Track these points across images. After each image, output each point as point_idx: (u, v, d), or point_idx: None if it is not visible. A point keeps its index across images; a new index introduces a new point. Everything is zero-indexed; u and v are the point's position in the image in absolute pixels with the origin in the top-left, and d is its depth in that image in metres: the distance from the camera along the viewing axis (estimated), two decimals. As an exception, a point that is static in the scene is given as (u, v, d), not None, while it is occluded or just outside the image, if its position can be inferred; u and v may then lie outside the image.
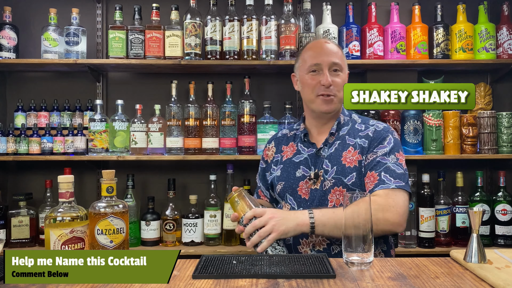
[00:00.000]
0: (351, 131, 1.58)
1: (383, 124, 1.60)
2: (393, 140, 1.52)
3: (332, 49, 1.58)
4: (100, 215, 1.14)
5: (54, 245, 1.12)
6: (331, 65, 1.55)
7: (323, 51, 1.57)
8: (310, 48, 1.62)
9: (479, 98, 2.60)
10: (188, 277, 1.08)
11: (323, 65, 1.55)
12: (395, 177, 1.45)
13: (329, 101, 1.55)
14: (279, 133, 1.77)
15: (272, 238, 1.31)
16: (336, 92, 1.55)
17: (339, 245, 1.46)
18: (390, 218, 1.38)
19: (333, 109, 1.58)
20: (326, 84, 1.53)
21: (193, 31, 2.40)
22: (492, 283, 1.00)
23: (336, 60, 1.55)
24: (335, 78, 1.55)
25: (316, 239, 1.49)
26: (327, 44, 1.60)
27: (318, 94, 1.55)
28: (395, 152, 1.50)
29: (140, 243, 2.43)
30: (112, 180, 1.19)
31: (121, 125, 2.39)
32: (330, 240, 1.47)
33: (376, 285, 1.01)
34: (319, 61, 1.55)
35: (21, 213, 2.37)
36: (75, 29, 2.43)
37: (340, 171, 1.50)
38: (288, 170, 1.61)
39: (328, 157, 1.54)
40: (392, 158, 1.48)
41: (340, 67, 1.56)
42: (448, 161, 2.52)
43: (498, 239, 2.43)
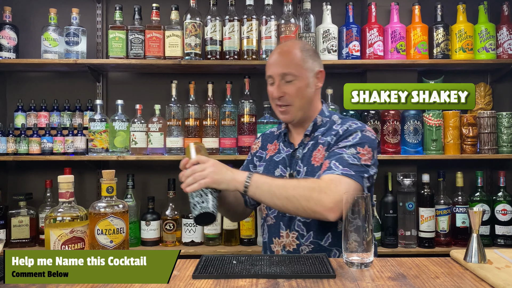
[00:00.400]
0: (327, 131, 1.56)
1: (360, 123, 1.55)
2: (360, 136, 1.48)
3: (284, 58, 1.55)
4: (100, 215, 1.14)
5: (54, 245, 1.12)
6: (282, 76, 1.52)
7: (275, 62, 1.55)
8: (270, 57, 1.61)
9: (479, 98, 2.60)
10: (188, 277, 1.08)
11: (274, 77, 1.54)
12: (344, 166, 1.40)
13: (284, 111, 1.55)
14: (269, 130, 1.78)
15: (203, 183, 1.32)
16: (291, 102, 1.53)
17: (308, 246, 1.48)
18: (325, 200, 1.31)
19: (291, 118, 1.56)
20: (275, 97, 1.54)
21: (193, 31, 2.40)
22: (492, 283, 1.00)
23: (286, 70, 1.52)
24: (288, 89, 1.52)
25: (286, 240, 1.52)
26: (280, 53, 1.57)
27: (276, 104, 1.57)
28: (358, 146, 1.45)
29: (140, 243, 2.43)
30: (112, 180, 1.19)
31: (121, 125, 2.39)
32: (300, 241, 1.49)
33: (376, 285, 1.01)
34: (271, 73, 1.55)
35: (21, 213, 2.37)
36: (75, 29, 2.43)
37: (309, 171, 1.50)
38: (268, 168, 1.62)
39: (301, 158, 1.55)
40: (351, 150, 1.44)
41: (293, 76, 1.52)
42: (448, 161, 2.52)
43: (498, 239, 2.43)
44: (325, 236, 1.48)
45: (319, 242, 1.48)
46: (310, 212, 1.34)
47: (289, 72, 1.51)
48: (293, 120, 1.57)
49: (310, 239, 1.48)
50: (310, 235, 1.48)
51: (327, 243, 1.48)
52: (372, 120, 2.44)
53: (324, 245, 1.48)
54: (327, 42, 2.45)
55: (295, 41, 1.69)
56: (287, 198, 1.34)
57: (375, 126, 2.44)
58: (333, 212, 1.32)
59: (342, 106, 2.47)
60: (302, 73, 1.53)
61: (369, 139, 1.49)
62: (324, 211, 1.32)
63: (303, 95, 1.53)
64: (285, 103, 1.54)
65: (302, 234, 1.50)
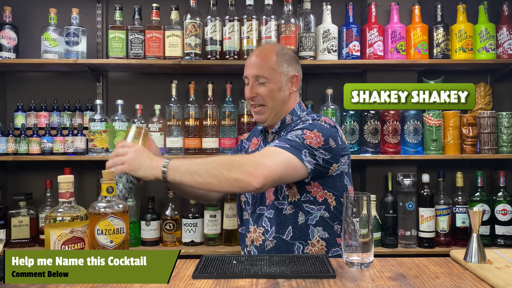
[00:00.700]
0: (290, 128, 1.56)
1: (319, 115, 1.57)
2: (310, 123, 1.47)
3: (259, 61, 1.60)
4: (100, 215, 1.14)
5: (54, 245, 1.12)
6: (255, 78, 1.58)
7: (249, 64, 1.61)
8: (248, 57, 1.66)
9: (479, 98, 2.60)
10: (188, 277, 1.08)
11: (249, 78, 1.60)
12: (280, 141, 1.40)
13: (257, 112, 1.61)
14: (260, 126, 1.78)
15: (120, 169, 1.34)
16: (264, 102, 1.58)
17: (271, 241, 1.51)
18: (246, 165, 1.30)
19: (264, 119, 1.61)
20: (247, 97, 1.61)
21: (193, 31, 2.40)
22: (492, 283, 1.00)
23: (258, 72, 1.57)
24: (260, 90, 1.57)
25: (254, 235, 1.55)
26: (257, 56, 1.62)
27: (250, 104, 1.63)
28: (305, 129, 1.44)
29: (140, 243, 2.43)
30: (112, 180, 1.18)
31: (121, 125, 2.39)
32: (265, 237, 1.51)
33: (376, 285, 1.01)
34: (246, 74, 1.62)
35: (21, 213, 2.37)
36: (75, 29, 2.43)
37: None
38: None
39: None
40: (296, 132, 1.43)
41: (265, 78, 1.57)
42: (448, 161, 2.52)
43: (498, 239, 2.43)
44: (286, 230, 1.50)
45: (281, 236, 1.50)
46: (233, 181, 1.31)
47: (261, 75, 1.57)
48: (266, 121, 1.61)
49: (273, 234, 1.51)
50: (273, 230, 1.51)
51: (288, 237, 1.50)
52: (372, 120, 2.44)
53: (286, 239, 1.50)
54: (327, 42, 2.45)
55: (273, 45, 1.74)
56: (208, 171, 1.31)
57: (375, 126, 2.44)
58: (255, 177, 1.28)
59: (342, 106, 2.47)
60: (275, 77, 1.58)
61: (320, 126, 1.47)
62: (246, 176, 1.28)
63: (275, 97, 1.58)
64: (258, 103, 1.59)
65: (267, 229, 1.53)
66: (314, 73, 2.67)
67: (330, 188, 1.51)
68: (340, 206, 1.53)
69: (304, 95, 2.67)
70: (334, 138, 1.48)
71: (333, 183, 1.52)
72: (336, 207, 1.53)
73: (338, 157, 1.50)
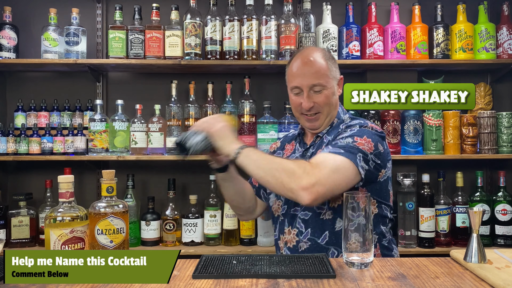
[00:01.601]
0: (334, 130, 1.57)
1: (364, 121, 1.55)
2: (358, 129, 1.47)
3: (312, 68, 1.53)
4: (100, 215, 1.14)
5: (54, 245, 1.12)
6: (310, 87, 1.53)
7: (303, 73, 1.54)
8: (293, 65, 1.58)
9: (479, 98, 2.60)
10: (188, 277, 1.08)
11: (302, 88, 1.54)
12: (334, 147, 1.40)
13: (312, 119, 1.57)
14: (290, 133, 1.80)
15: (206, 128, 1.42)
16: (320, 110, 1.55)
17: (305, 243, 1.49)
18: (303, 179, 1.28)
19: (318, 125, 1.58)
20: (306, 108, 1.54)
21: (193, 31, 2.40)
22: (492, 283, 1.00)
23: (315, 81, 1.52)
24: (317, 99, 1.53)
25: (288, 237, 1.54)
26: (306, 63, 1.55)
27: (302, 113, 1.57)
28: (355, 136, 1.43)
29: (140, 243, 2.43)
30: (112, 180, 1.19)
31: (121, 125, 2.39)
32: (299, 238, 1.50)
33: (376, 285, 1.01)
34: (298, 84, 1.54)
35: (21, 213, 2.37)
36: (75, 29, 2.43)
37: None
38: None
39: (310, 157, 1.55)
40: (347, 140, 1.42)
41: (322, 86, 1.52)
42: (448, 161, 2.52)
43: (498, 239, 2.43)
44: (322, 234, 1.48)
45: (316, 239, 1.48)
46: (287, 190, 1.32)
47: (318, 83, 1.52)
48: (319, 127, 1.58)
49: (308, 236, 1.49)
50: (308, 232, 1.49)
51: (324, 242, 1.48)
52: (372, 120, 2.44)
53: (321, 243, 1.48)
54: (327, 42, 2.45)
55: (316, 49, 1.64)
56: (270, 170, 1.33)
57: (375, 126, 2.44)
58: (307, 193, 1.27)
59: (342, 106, 2.46)
60: (329, 82, 1.54)
61: (368, 132, 1.47)
62: (298, 190, 1.28)
63: (331, 103, 1.55)
64: (315, 112, 1.55)
65: (301, 231, 1.50)
66: (314, 73, 2.67)
67: (375, 194, 1.49)
68: (382, 213, 1.53)
69: (304, 95, 2.67)
70: (382, 143, 1.48)
71: (379, 189, 1.50)
72: (377, 214, 1.51)
73: (386, 162, 1.49)
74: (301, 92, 1.54)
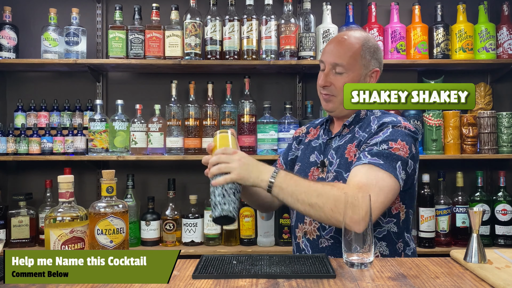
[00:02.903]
0: (365, 124, 1.50)
1: (396, 118, 1.47)
2: (391, 131, 1.40)
3: (341, 48, 1.49)
4: (100, 215, 1.14)
5: (54, 245, 1.12)
6: (333, 66, 1.48)
7: (329, 49, 1.51)
8: (329, 41, 1.57)
9: (479, 98, 2.60)
10: (188, 277, 1.08)
11: (325, 64, 1.50)
12: (372, 155, 1.33)
13: (327, 100, 1.51)
14: (318, 120, 1.72)
15: (229, 178, 1.26)
16: (335, 93, 1.49)
17: (328, 240, 1.42)
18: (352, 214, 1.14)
19: (332, 108, 1.52)
20: (320, 85, 1.50)
21: (193, 31, 2.40)
22: (492, 283, 1.00)
23: (338, 61, 1.46)
24: (335, 80, 1.48)
25: (309, 228, 1.46)
26: (339, 42, 1.51)
27: (320, 91, 1.53)
28: (390, 141, 1.37)
29: (140, 243, 2.43)
30: (112, 180, 1.19)
31: (121, 125, 2.39)
32: (320, 233, 1.43)
33: (376, 285, 1.01)
34: (323, 59, 1.51)
35: (21, 213, 2.37)
36: (75, 29, 2.43)
37: (342, 164, 1.44)
38: (305, 152, 1.59)
39: (335, 148, 1.49)
40: (382, 146, 1.36)
41: (344, 68, 1.46)
42: (448, 161, 2.52)
43: (498, 239, 2.43)
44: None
45: (339, 237, 1.35)
46: (334, 221, 1.25)
47: (340, 63, 1.46)
48: (334, 111, 1.53)
49: (331, 233, 1.41)
50: (332, 229, 1.41)
51: None
52: (372, 120, 2.44)
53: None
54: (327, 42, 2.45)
55: (358, 32, 1.57)
56: (310, 205, 1.26)
57: (375, 126, 2.44)
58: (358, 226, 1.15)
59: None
60: (355, 68, 1.48)
61: (401, 133, 1.40)
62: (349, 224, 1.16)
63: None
64: (329, 93, 1.50)
65: (324, 226, 1.42)
66: (314, 73, 2.64)
67: (404, 199, 1.43)
68: (408, 220, 1.46)
69: (304, 95, 2.67)
70: (415, 144, 1.42)
71: (408, 194, 1.44)
72: (404, 220, 1.44)
73: (417, 164, 1.44)
74: (325, 68, 1.50)
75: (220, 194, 1.25)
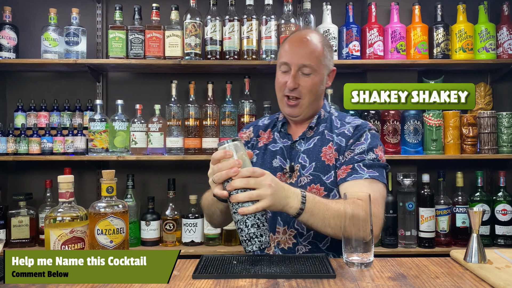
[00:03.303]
0: (329, 126, 1.51)
1: (360, 120, 1.53)
2: (370, 136, 1.45)
3: (306, 48, 1.45)
4: (100, 215, 1.14)
5: (54, 245, 1.12)
6: (300, 67, 1.44)
7: (295, 50, 1.45)
8: (288, 42, 1.50)
9: (479, 98, 2.60)
10: (188, 277, 1.08)
11: (292, 65, 1.44)
12: (368, 167, 1.39)
13: (292, 105, 1.47)
14: (260, 122, 1.65)
15: (260, 206, 1.12)
16: (302, 96, 1.45)
17: (305, 246, 1.42)
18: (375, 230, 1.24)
19: (298, 113, 1.49)
20: (290, 88, 1.44)
21: (193, 31, 2.40)
22: (492, 283, 1.00)
23: (306, 61, 1.43)
24: (303, 82, 1.44)
25: (282, 237, 1.44)
26: (303, 41, 1.46)
27: (284, 94, 1.47)
28: (374, 148, 1.43)
29: (140, 243, 2.43)
30: (112, 180, 1.18)
31: (121, 125, 2.39)
32: (297, 240, 1.42)
33: (376, 285, 1.01)
34: (288, 60, 1.45)
35: (21, 213, 2.37)
36: (75, 29, 2.43)
37: (319, 168, 1.44)
38: (264, 157, 1.53)
39: (305, 151, 1.47)
40: (370, 155, 1.42)
41: (312, 69, 1.44)
42: (448, 161, 2.52)
43: (498, 239, 2.43)
44: (325, 239, 1.42)
45: (317, 243, 1.42)
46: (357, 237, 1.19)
47: (309, 65, 1.43)
48: (299, 115, 1.50)
49: (309, 239, 1.43)
50: (310, 235, 1.42)
51: (325, 246, 1.43)
52: (372, 120, 2.44)
53: (322, 248, 1.42)
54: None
55: (315, 31, 1.55)
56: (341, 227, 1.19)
57: (375, 126, 2.44)
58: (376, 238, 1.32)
59: (342, 106, 2.47)
60: (320, 68, 1.46)
61: (377, 137, 1.48)
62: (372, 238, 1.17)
63: (315, 91, 1.47)
64: (296, 96, 1.45)
65: (301, 233, 1.42)
66: (314, 73, 2.67)
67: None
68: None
69: (304, 95, 2.67)
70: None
71: None
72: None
73: None
74: (289, 70, 1.45)
75: (254, 224, 1.13)
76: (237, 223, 1.14)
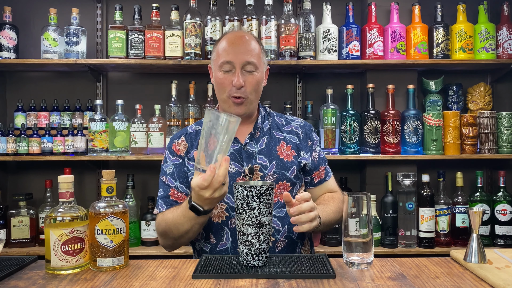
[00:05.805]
0: (274, 124, 1.54)
1: (298, 118, 1.65)
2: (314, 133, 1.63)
3: (248, 46, 1.44)
4: (100, 215, 1.14)
5: (54, 245, 1.12)
6: (244, 64, 1.42)
7: (237, 49, 1.43)
8: (225, 41, 1.46)
9: (479, 98, 2.60)
10: (188, 277, 1.08)
11: (235, 64, 1.42)
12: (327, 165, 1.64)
13: (240, 103, 1.44)
14: (189, 129, 1.57)
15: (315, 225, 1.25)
16: (248, 94, 1.44)
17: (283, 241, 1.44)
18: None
19: (245, 111, 1.46)
20: (237, 86, 1.41)
21: (193, 31, 2.40)
22: (492, 283, 1.00)
23: (250, 59, 1.42)
24: (248, 79, 1.43)
25: None
26: (242, 40, 1.45)
27: (230, 95, 1.44)
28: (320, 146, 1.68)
29: (140, 243, 2.43)
30: (112, 180, 1.18)
31: (121, 125, 2.39)
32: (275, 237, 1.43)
33: (376, 285, 1.01)
34: (231, 59, 1.42)
35: (21, 213, 2.37)
36: (75, 29, 2.43)
37: (280, 165, 1.46)
38: None
39: (261, 152, 1.47)
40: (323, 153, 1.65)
41: (255, 66, 1.43)
42: (448, 161, 2.52)
43: (498, 239, 2.43)
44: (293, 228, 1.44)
45: (291, 235, 1.44)
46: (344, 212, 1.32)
47: (252, 62, 1.43)
48: (245, 114, 1.47)
49: (285, 233, 1.44)
50: (285, 230, 1.44)
51: (296, 236, 1.45)
52: (372, 120, 2.44)
53: (294, 238, 1.45)
54: (327, 42, 2.45)
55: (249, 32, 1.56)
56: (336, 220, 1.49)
57: (375, 126, 2.44)
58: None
59: (342, 106, 2.47)
60: (261, 66, 1.47)
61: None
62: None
63: (258, 89, 1.47)
64: (243, 95, 1.43)
65: (277, 229, 1.43)
66: (314, 73, 2.68)
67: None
68: None
69: (304, 95, 2.67)
70: None
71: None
72: None
73: None
74: (233, 69, 1.43)
75: (266, 240, 1.14)
76: (248, 236, 1.13)
